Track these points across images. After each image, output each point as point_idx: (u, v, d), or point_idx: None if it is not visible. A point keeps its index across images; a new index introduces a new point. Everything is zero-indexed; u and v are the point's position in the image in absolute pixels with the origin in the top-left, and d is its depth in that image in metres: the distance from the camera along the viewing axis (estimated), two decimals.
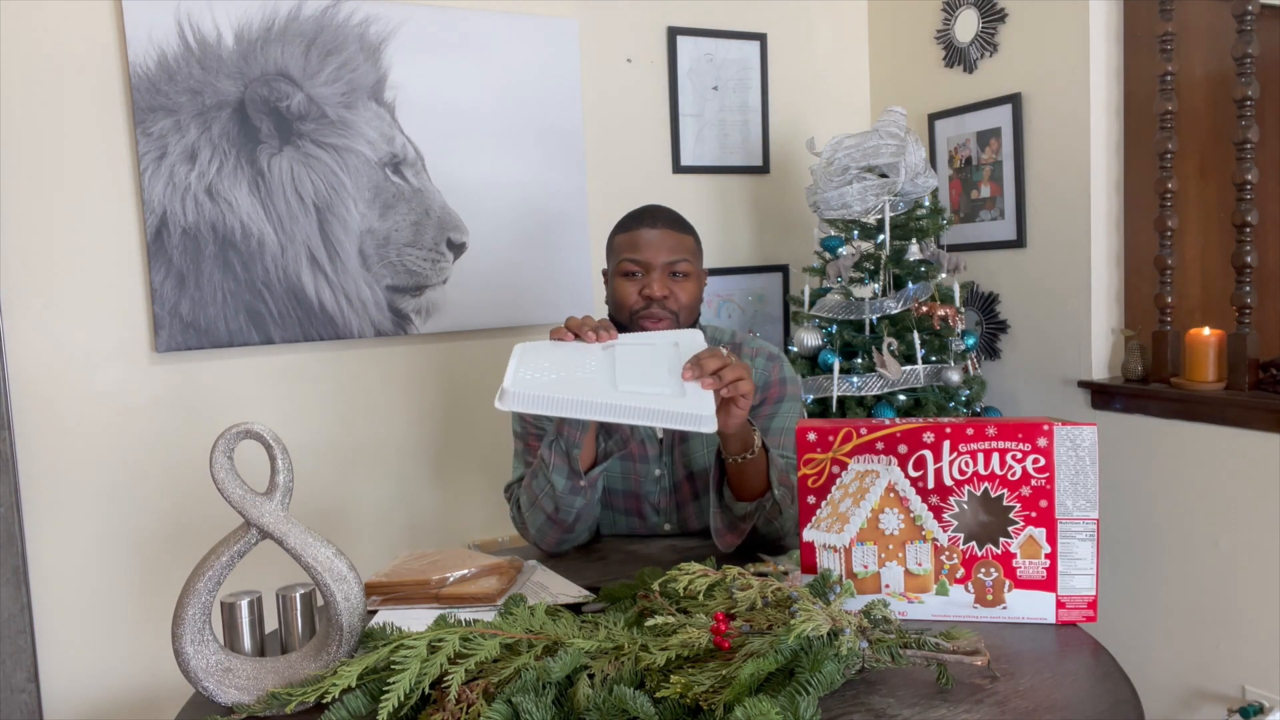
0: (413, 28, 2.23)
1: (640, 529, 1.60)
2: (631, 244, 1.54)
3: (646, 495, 1.58)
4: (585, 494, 1.43)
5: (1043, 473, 1.09)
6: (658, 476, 1.57)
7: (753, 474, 1.37)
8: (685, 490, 1.58)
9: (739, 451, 1.34)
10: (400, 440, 2.33)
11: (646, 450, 1.58)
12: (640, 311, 1.52)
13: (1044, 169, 2.39)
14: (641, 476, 1.58)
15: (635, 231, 1.54)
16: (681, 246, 1.54)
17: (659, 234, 1.53)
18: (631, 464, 1.58)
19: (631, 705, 0.86)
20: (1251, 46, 2.01)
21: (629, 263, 1.53)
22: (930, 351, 2.25)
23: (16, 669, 1.92)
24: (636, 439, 1.57)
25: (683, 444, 1.57)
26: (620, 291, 1.54)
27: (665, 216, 1.57)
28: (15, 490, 1.92)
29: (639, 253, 1.52)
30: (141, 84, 1.98)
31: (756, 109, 2.70)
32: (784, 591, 1.00)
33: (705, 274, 1.64)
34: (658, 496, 1.58)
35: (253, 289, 2.11)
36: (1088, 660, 1.03)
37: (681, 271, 1.53)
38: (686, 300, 1.53)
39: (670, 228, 1.55)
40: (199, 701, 1.03)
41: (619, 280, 1.55)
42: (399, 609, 1.20)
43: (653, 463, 1.58)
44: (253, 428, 1.00)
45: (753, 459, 1.35)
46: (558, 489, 1.42)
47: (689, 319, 1.56)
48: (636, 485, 1.58)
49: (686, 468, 1.57)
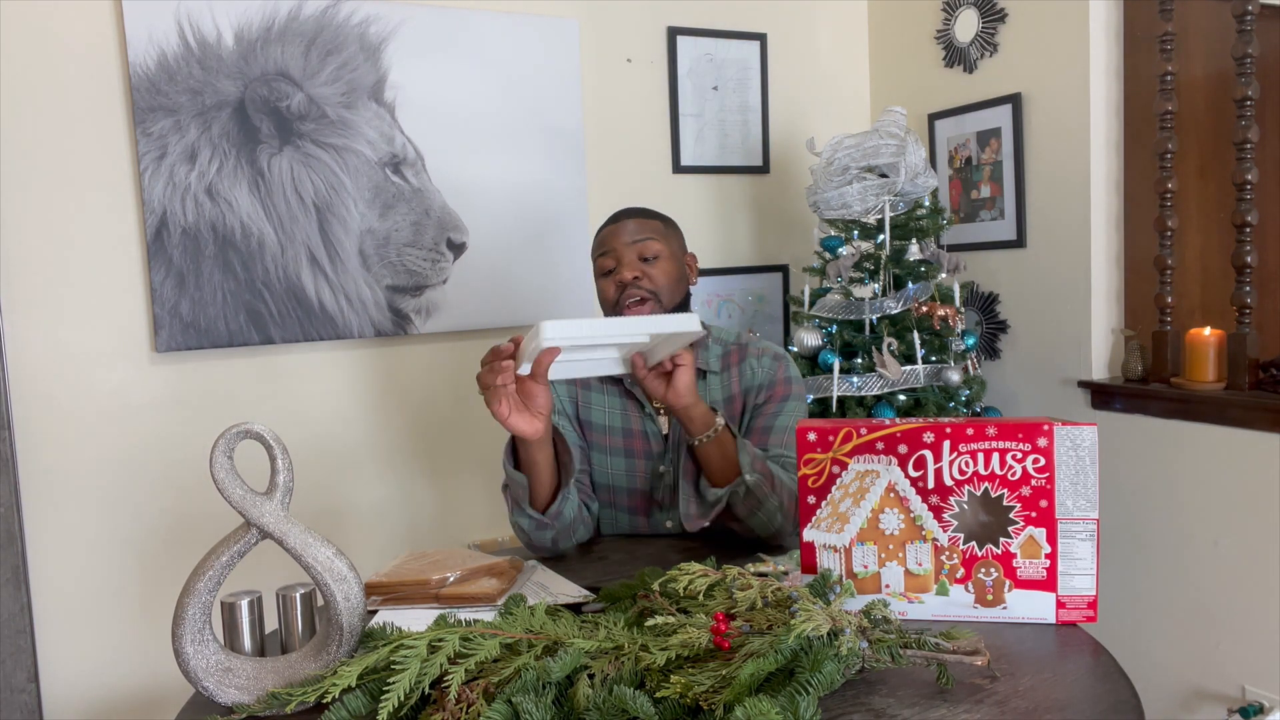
0: (413, 28, 2.23)
1: (643, 527, 1.61)
2: (601, 242, 1.60)
3: (650, 492, 1.59)
4: (552, 527, 1.46)
5: (1043, 473, 1.09)
6: (661, 473, 1.58)
7: (719, 456, 1.41)
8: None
9: (701, 431, 1.39)
10: (400, 440, 2.33)
11: (651, 446, 1.59)
12: (619, 302, 1.55)
13: (1044, 169, 2.39)
14: (646, 474, 1.59)
15: (603, 231, 1.60)
16: (645, 228, 1.57)
17: (624, 224, 1.58)
18: (635, 460, 1.59)
19: (631, 705, 0.86)
20: (1251, 46, 2.01)
21: (602, 258, 1.58)
22: (930, 351, 2.25)
23: (16, 669, 1.92)
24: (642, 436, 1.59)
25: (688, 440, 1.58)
26: (602, 292, 1.59)
27: (630, 210, 1.62)
28: (15, 490, 1.92)
29: (607, 245, 1.58)
30: (141, 84, 1.98)
31: (756, 109, 2.70)
32: (784, 591, 1.00)
33: (690, 256, 1.66)
34: (661, 493, 1.59)
35: (253, 289, 2.11)
36: (1088, 660, 1.03)
37: (652, 253, 1.56)
38: (664, 280, 1.55)
39: (634, 217, 1.59)
40: (199, 701, 1.03)
41: (599, 283, 1.60)
42: (399, 609, 1.20)
43: (656, 460, 1.59)
44: (253, 428, 1.00)
45: (716, 439, 1.40)
46: (526, 529, 1.46)
47: (672, 300, 1.58)
48: (640, 482, 1.59)
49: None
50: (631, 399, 1.60)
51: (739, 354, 1.62)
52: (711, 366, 1.60)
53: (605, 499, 1.61)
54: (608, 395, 1.61)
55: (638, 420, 1.59)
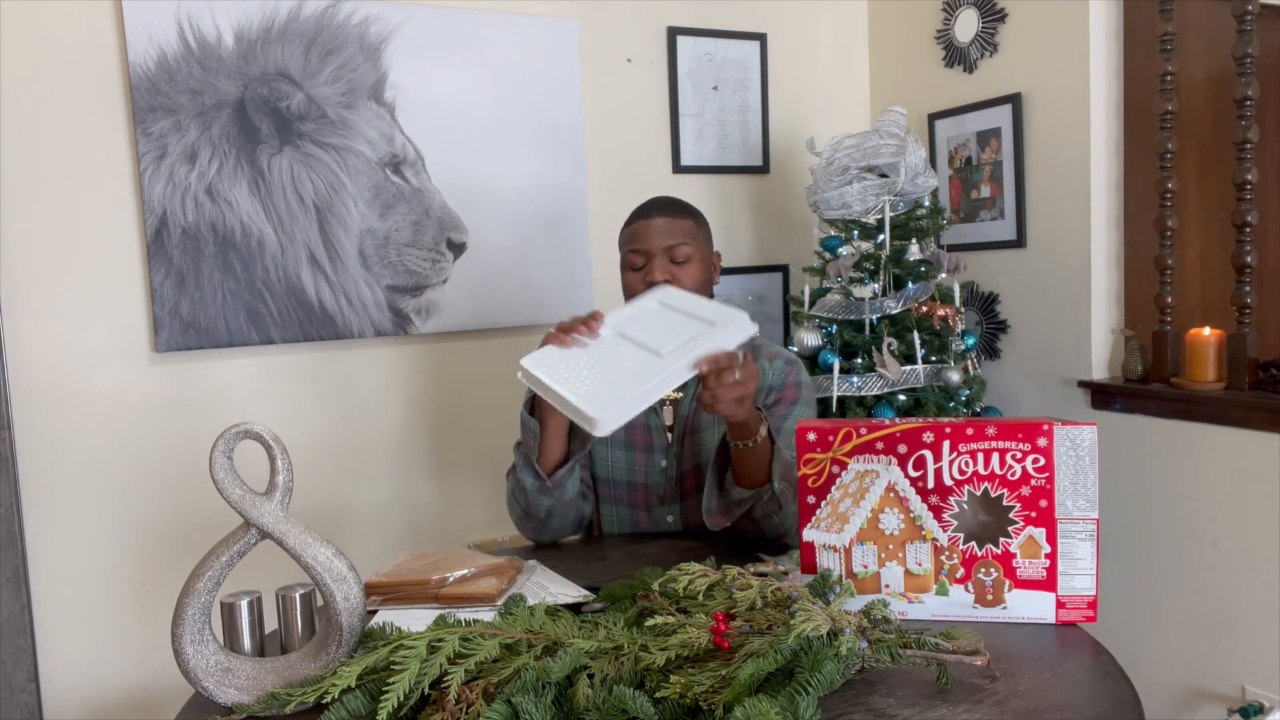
0: (413, 28, 2.23)
1: (644, 522, 1.63)
2: (632, 236, 1.60)
3: (652, 486, 1.61)
4: (551, 494, 1.50)
5: (1042, 473, 1.09)
6: (664, 467, 1.60)
7: (753, 462, 1.40)
8: (691, 481, 1.60)
9: (742, 438, 1.38)
10: (400, 440, 2.33)
11: (653, 440, 1.61)
12: None
13: (1044, 169, 2.39)
14: (648, 468, 1.61)
15: (635, 224, 1.60)
16: (679, 230, 1.58)
17: (657, 222, 1.58)
18: (637, 454, 1.61)
19: (631, 705, 0.86)
20: (1251, 46, 2.01)
21: (632, 254, 1.59)
22: (930, 351, 2.25)
23: (16, 669, 1.92)
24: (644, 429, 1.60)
25: (694, 435, 1.60)
26: (627, 283, 1.60)
27: (664, 205, 1.61)
28: (15, 490, 1.92)
29: (639, 243, 1.58)
30: (141, 84, 1.98)
31: (756, 109, 2.70)
32: (784, 591, 1.00)
33: (717, 254, 1.68)
34: (663, 487, 1.61)
35: (253, 289, 2.11)
36: (1088, 660, 1.03)
37: (683, 256, 1.57)
38: (691, 284, 1.56)
39: (668, 214, 1.59)
40: (199, 701, 1.03)
41: (626, 274, 1.61)
42: (399, 609, 1.20)
43: (659, 453, 1.60)
44: (252, 428, 1.00)
45: (755, 449, 1.38)
46: (527, 488, 1.50)
47: None
48: (642, 476, 1.61)
49: (695, 458, 1.60)
50: None
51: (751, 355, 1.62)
52: None
53: (608, 494, 1.63)
54: None
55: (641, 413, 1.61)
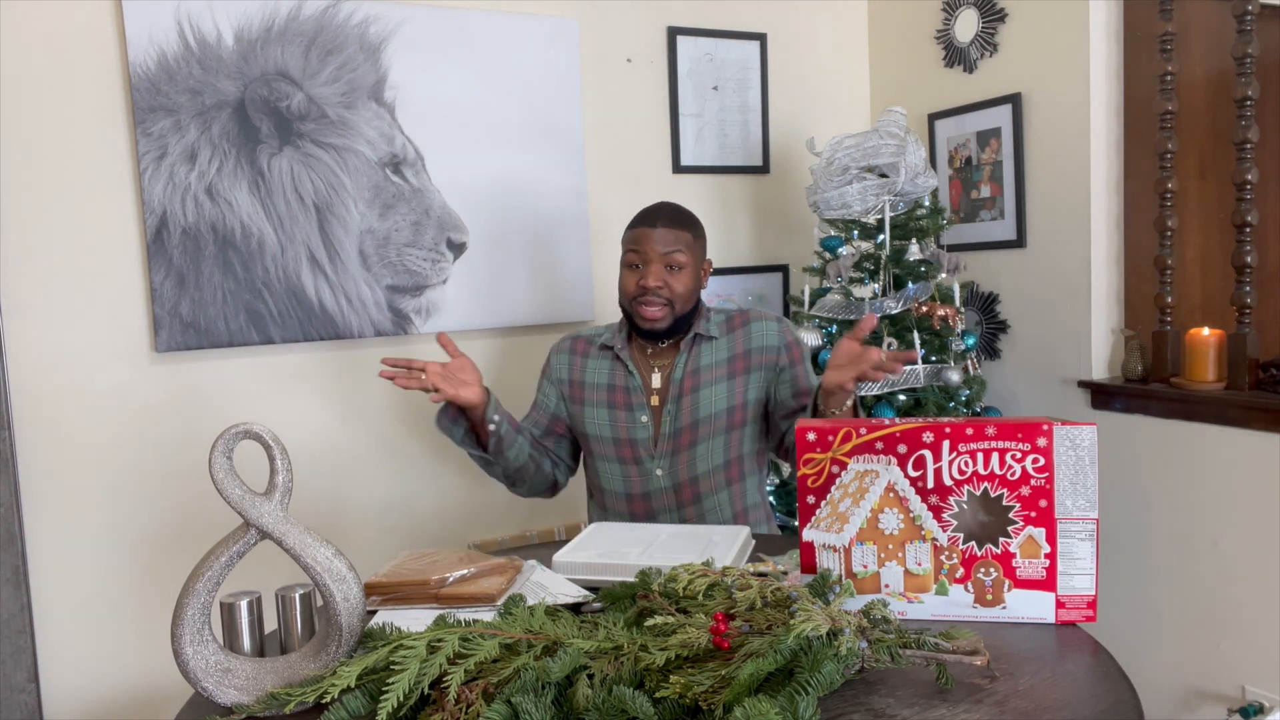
0: (413, 28, 2.23)
1: (635, 476, 1.76)
2: (635, 238, 1.74)
3: (639, 442, 1.75)
4: (497, 463, 1.72)
5: (1042, 473, 1.09)
6: (644, 422, 1.75)
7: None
8: (685, 438, 1.74)
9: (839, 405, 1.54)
10: (400, 440, 2.33)
11: (631, 399, 1.77)
12: (638, 299, 1.72)
13: (1044, 169, 2.39)
14: (629, 424, 1.76)
15: (639, 228, 1.74)
16: (678, 240, 1.72)
17: (658, 230, 1.72)
18: (618, 411, 1.78)
19: (631, 705, 0.86)
20: (1251, 46, 2.01)
21: (631, 254, 1.74)
22: (930, 351, 2.25)
23: (16, 669, 1.92)
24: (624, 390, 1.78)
25: (693, 394, 1.74)
26: (623, 280, 1.76)
27: (668, 215, 1.75)
28: (15, 490, 1.92)
29: (640, 245, 1.72)
30: (141, 84, 1.98)
31: (756, 109, 2.70)
32: (783, 591, 1.00)
33: (708, 261, 1.83)
34: (649, 441, 1.75)
35: (253, 289, 2.11)
36: (1088, 660, 1.03)
37: (678, 263, 1.71)
38: (681, 290, 1.72)
39: (670, 225, 1.73)
40: (199, 702, 1.03)
41: (623, 270, 1.76)
42: (399, 609, 1.20)
43: (638, 410, 1.76)
44: (252, 428, 1.00)
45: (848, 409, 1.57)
46: (479, 465, 1.76)
47: (684, 306, 1.75)
48: (625, 432, 1.76)
49: (692, 416, 1.73)
50: (619, 361, 1.80)
51: (741, 319, 1.80)
52: (712, 332, 1.77)
53: (600, 450, 1.79)
54: (601, 360, 1.82)
55: (621, 377, 1.79)
